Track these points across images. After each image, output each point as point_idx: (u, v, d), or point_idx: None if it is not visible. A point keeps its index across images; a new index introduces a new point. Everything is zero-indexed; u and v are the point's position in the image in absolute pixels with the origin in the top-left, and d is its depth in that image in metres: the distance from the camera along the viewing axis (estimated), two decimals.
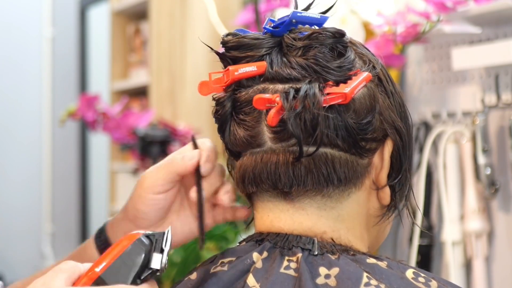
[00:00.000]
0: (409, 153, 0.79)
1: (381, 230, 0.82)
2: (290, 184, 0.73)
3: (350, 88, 0.71)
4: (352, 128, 0.72)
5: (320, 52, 0.73)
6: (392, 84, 0.78)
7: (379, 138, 0.75)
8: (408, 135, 0.79)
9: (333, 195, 0.74)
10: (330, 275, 0.70)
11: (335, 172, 0.73)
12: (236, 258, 0.75)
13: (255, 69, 0.73)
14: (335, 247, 0.73)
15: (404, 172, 0.78)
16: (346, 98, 0.71)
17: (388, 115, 0.76)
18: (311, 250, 0.72)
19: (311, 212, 0.75)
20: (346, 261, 0.71)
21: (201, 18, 2.53)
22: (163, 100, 2.58)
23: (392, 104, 0.77)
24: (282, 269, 0.71)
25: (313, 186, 0.73)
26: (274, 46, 0.74)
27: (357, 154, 0.74)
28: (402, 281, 0.70)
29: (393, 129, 0.76)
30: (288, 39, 0.74)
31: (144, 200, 0.84)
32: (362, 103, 0.74)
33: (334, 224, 0.75)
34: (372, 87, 0.75)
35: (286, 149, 0.73)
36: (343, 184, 0.74)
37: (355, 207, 0.76)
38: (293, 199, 0.75)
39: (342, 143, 0.72)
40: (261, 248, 0.74)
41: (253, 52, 0.74)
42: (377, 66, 0.77)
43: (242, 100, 0.75)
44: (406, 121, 0.79)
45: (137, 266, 0.69)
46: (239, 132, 0.75)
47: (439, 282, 0.72)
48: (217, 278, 0.74)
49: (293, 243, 0.73)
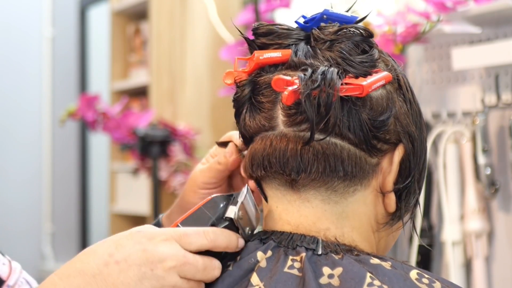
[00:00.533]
0: (420, 164, 0.78)
1: (387, 237, 0.81)
2: (297, 170, 0.73)
3: (368, 82, 0.71)
4: (365, 123, 0.73)
5: (346, 46, 0.74)
6: (412, 93, 0.79)
7: (391, 141, 0.76)
8: (422, 146, 0.79)
9: (338, 189, 0.74)
10: (334, 274, 0.70)
11: (342, 164, 0.73)
12: (240, 257, 0.75)
13: (280, 55, 0.75)
14: (339, 246, 0.74)
15: (412, 181, 0.78)
16: (363, 91, 0.71)
17: (403, 120, 0.76)
18: (315, 249, 0.73)
19: (315, 204, 0.75)
20: (350, 261, 0.71)
21: (201, 18, 2.53)
22: (163, 100, 2.58)
23: (409, 112, 0.77)
24: (286, 268, 0.72)
25: (319, 176, 0.73)
26: (302, 38, 0.76)
27: (367, 151, 0.74)
28: (405, 282, 0.70)
29: (407, 134, 0.76)
30: (316, 32, 0.75)
31: (198, 195, 0.91)
32: (379, 102, 0.74)
33: (338, 220, 0.75)
34: (392, 90, 0.76)
35: (297, 134, 0.73)
36: (349, 178, 0.74)
37: (361, 206, 0.76)
38: (299, 189, 0.75)
39: (353, 136, 0.73)
40: (266, 247, 0.74)
41: (281, 41, 0.76)
42: (399, 73, 0.78)
43: (262, 83, 0.76)
44: (421, 132, 0.79)
45: (213, 216, 0.75)
46: (254, 114, 0.76)
47: (442, 283, 0.72)
48: (222, 277, 0.74)
49: (297, 243, 0.74)
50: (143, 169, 2.46)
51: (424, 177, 0.81)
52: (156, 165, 2.31)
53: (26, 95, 3.86)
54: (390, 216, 0.79)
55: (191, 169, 2.37)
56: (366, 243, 0.77)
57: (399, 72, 0.78)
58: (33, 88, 3.87)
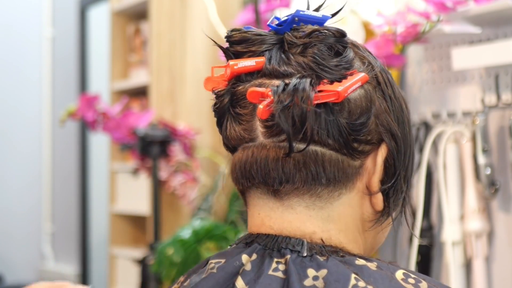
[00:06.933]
0: (405, 160, 0.77)
1: (377, 235, 0.81)
2: (279, 181, 0.73)
3: (344, 87, 0.71)
4: (344, 127, 0.72)
5: (318, 50, 0.73)
6: (392, 88, 0.78)
7: (373, 141, 0.75)
8: (406, 142, 0.77)
9: (322, 195, 0.74)
10: (318, 276, 0.70)
11: (324, 171, 0.72)
12: (225, 260, 0.75)
13: (254, 64, 0.74)
14: (325, 248, 0.73)
15: (398, 179, 0.77)
16: (339, 97, 0.70)
17: (384, 118, 0.75)
18: (300, 251, 0.72)
19: (299, 211, 0.74)
20: (335, 263, 0.71)
21: (201, 18, 2.53)
22: (163, 100, 2.58)
23: (390, 109, 0.76)
24: (270, 271, 0.71)
25: (302, 184, 0.73)
26: (276, 43, 0.75)
27: (349, 155, 0.73)
28: (391, 283, 0.70)
29: (388, 133, 0.75)
30: (289, 36, 0.74)
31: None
32: (358, 104, 0.73)
33: (324, 224, 0.75)
34: (370, 89, 0.75)
35: (276, 145, 0.73)
36: (332, 184, 0.73)
37: (347, 209, 0.75)
38: (282, 197, 0.74)
39: (333, 142, 0.72)
40: (251, 250, 0.74)
41: (255, 48, 0.75)
42: (377, 69, 0.76)
43: (239, 94, 0.75)
44: (404, 127, 0.78)
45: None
46: (234, 126, 0.76)
47: (429, 283, 0.71)
48: (206, 281, 0.74)
49: (282, 245, 0.73)
50: (143, 169, 2.46)
51: (411, 172, 0.80)
52: (156, 165, 2.31)
53: (26, 95, 3.86)
54: (378, 214, 0.78)
55: (191, 169, 2.38)
56: (353, 244, 0.76)
57: (377, 68, 0.76)
58: (33, 88, 3.87)
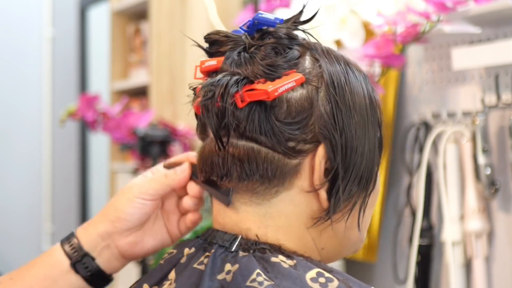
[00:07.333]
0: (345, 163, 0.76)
1: (338, 235, 0.80)
2: (221, 175, 0.77)
3: (275, 87, 0.73)
4: (275, 126, 0.74)
5: (264, 51, 0.75)
6: (343, 90, 0.77)
7: (312, 141, 0.75)
8: (351, 144, 0.76)
9: (258, 191, 0.76)
10: (231, 271, 0.72)
11: (257, 167, 0.75)
12: (176, 251, 0.80)
13: (215, 63, 0.78)
14: (257, 245, 0.75)
15: (336, 179, 0.76)
16: (269, 96, 0.72)
17: (327, 119, 0.75)
18: (228, 247, 0.75)
19: (237, 206, 0.78)
20: (250, 259, 0.73)
21: (201, 18, 2.53)
22: (163, 100, 2.58)
23: (334, 110, 0.76)
24: (196, 264, 0.76)
25: (238, 180, 0.76)
26: (240, 45, 0.77)
27: (284, 153, 0.75)
28: (295, 281, 0.71)
29: (327, 134, 0.75)
30: (246, 39, 0.77)
31: (133, 203, 0.90)
32: (299, 103, 0.75)
33: (261, 221, 0.77)
34: (313, 90, 0.75)
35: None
36: (267, 181, 0.75)
37: (288, 206, 0.77)
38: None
39: (266, 140, 0.74)
40: (192, 244, 0.79)
41: (223, 49, 0.78)
42: (330, 72, 0.76)
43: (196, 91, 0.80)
44: (350, 130, 0.76)
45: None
46: (197, 121, 0.81)
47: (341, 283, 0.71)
48: (155, 271, 0.79)
49: (213, 240, 0.77)
50: (143, 169, 2.45)
51: (370, 174, 0.79)
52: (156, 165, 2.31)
53: (26, 95, 3.86)
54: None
55: None
56: (296, 241, 0.77)
57: (327, 70, 0.77)
58: (33, 88, 3.87)
